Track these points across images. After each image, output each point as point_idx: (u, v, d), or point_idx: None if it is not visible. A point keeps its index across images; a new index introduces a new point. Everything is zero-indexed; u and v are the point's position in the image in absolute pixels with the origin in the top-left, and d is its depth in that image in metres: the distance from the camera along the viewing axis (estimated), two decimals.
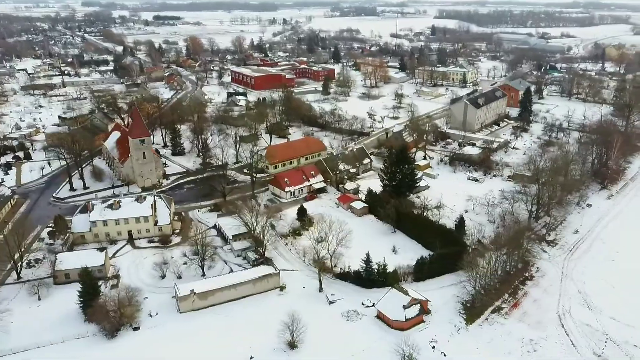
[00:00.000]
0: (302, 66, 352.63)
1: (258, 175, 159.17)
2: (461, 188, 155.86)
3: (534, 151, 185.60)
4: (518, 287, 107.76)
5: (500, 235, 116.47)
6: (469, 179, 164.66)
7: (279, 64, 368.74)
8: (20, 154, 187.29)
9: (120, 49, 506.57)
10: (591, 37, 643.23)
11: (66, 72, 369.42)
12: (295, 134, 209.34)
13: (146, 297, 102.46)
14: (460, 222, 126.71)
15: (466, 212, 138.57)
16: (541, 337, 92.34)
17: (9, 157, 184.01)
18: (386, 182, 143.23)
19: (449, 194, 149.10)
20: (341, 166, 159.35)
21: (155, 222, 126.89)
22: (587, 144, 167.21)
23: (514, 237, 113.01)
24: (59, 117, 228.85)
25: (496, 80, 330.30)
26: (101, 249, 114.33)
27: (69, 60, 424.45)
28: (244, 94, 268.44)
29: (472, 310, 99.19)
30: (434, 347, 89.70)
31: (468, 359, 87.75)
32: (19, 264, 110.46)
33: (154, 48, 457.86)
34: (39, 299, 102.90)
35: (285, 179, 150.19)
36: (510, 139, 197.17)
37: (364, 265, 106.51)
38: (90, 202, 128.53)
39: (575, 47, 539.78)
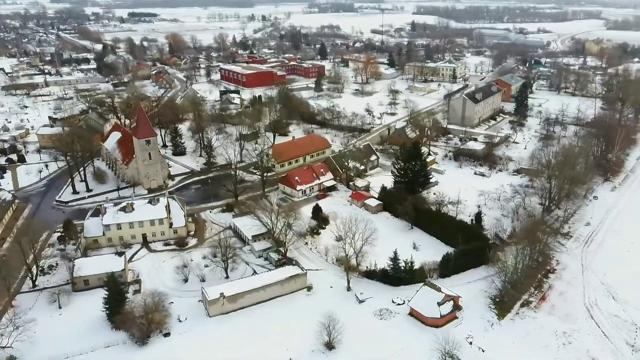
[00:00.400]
0: (292, 63, 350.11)
1: (259, 173, 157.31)
2: (469, 183, 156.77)
3: (535, 145, 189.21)
4: (542, 281, 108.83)
5: (520, 229, 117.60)
6: (475, 173, 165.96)
7: (268, 61, 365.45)
8: (13, 157, 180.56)
9: (99, 47, 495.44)
10: (567, 32, 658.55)
11: (46, 71, 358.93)
12: (295, 131, 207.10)
13: (172, 302, 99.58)
14: (477, 217, 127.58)
15: (479, 207, 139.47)
16: (573, 329, 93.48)
17: (1, 160, 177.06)
18: (399, 178, 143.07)
19: (461, 188, 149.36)
20: (350, 164, 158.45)
21: (170, 225, 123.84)
22: (590, 137, 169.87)
23: (532, 230, 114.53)
24: (49, 117, 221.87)
25: (484, 76, 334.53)
26: (119, 254, 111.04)
27: (47, 58, 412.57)
28: (237, 92, 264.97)
29: (502, 305, 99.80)
30: (471, 343, 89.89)
31: (505, 353, 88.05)
32: (35, 272, 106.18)
33: (137, 46, 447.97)
34: (60, 307, 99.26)
35: (296, 178, 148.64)
36: (510, 134, 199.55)
37: (391, 263, 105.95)
38: (102, 205, 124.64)
39: (554, 42, 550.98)
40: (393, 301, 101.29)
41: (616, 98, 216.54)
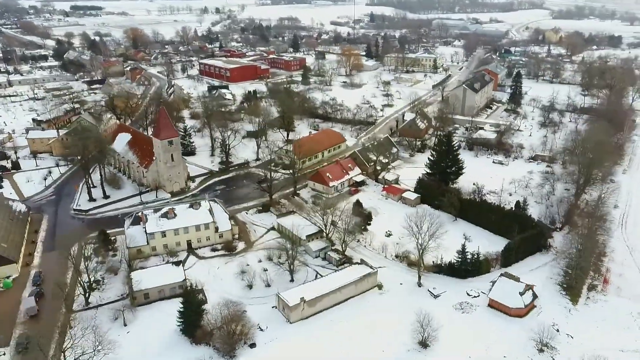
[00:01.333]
0: (271, 56, 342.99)
1: (284, 171, 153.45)
2: (492, 172, 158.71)
3: (537, 131, 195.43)
4: (597, 264, 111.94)
5: (571, 216, 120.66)
6: (493, 162, 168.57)
7: (246, 54, 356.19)
8: (4, 163, 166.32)
9: (50, 42, 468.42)
10: (517, 22, 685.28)
11: (3, 69, 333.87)
12: (299, 126, 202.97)
13: (245, 311, 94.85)
14: (518, 205, 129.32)
15: (510, 195, 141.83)
16: None
17: None
18: (434, 170, 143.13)
19: (485, 177, 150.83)
20: (373, 156, 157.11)
21: (216, 229, 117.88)
22: (599, 123, 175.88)
23: (580, 215, 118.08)
24: (34, 120, 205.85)
25: (461, 66, 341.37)
26: (176, 263, 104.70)
27: None
28: (226, 87, 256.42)
29: (571, 290, 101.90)
30: (557, 330, 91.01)
31: (591, 338, 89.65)
32: (88, 288, 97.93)
33: (97, 41, 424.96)
34: (125, 325, 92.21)
35: (328, 174, 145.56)
36: (512, 122, 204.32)
37: (460, 256, 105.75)
38: (142, 213, 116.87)
39: (510, 31, 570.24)
40: (468, 294, 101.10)
41: (604, 85, 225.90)
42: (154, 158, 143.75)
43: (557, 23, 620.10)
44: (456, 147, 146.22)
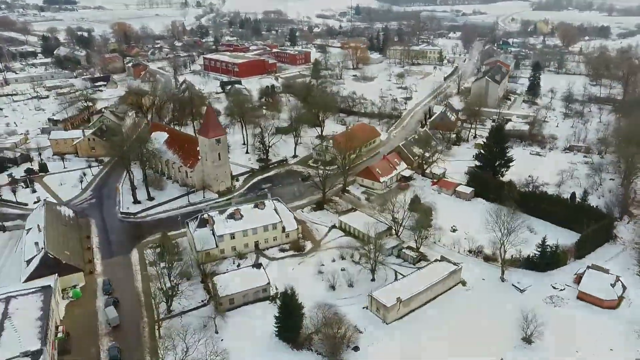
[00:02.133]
0: (275, 50, 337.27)
1: (328, 168, 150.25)
2: (533, 163, 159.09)
3: (562, 122, 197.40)
4: None
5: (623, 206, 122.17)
6: (531, 153, 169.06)
7: (249, 48, 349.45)
8: (29, 165, 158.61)
9: (32, 38, 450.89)
10: (501, 14, 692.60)
11: None
12: (326, 121, 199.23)
13: (336, 313, 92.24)
14: (573, 196, 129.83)
15: (558, 186, 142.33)
16: None
17: (19, 172, 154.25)
18: (484, 162, 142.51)
19: (529, 169, 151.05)
20: (418, 150, 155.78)
21: (283, 229, 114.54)
22: (632, 114, 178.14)
23: (625, 205, 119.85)
24: (49, 119, 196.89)
25: (465, 58, 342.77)
26: (257, 266, 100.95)
27: None
28: (239, 83, 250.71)
29: None
30: None
31: None
32: (170, 295, 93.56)
33: (89, 37, 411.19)
34: (217, 332, 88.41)
35: (377, 170, 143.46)
36: (537, 113, 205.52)
37: (540, 249, 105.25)
38: (207, 214, 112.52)
39: (498, 22, 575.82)
40: (553, 287, 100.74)
41: (617, 76, 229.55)
42: (199, 157, 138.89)
43: (539, 14, 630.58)
44: (507, 140, 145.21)
